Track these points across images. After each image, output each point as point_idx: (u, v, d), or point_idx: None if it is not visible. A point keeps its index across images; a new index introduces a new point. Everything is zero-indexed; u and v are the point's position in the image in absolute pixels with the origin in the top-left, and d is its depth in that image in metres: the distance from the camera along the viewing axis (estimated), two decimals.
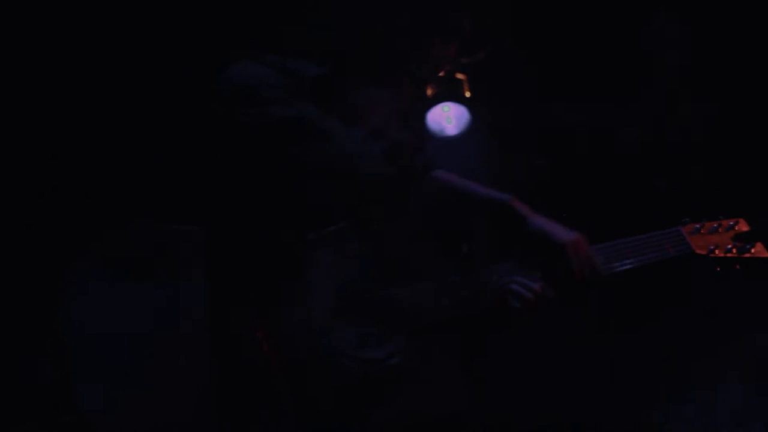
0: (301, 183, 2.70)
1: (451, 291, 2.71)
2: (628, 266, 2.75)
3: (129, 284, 2.87)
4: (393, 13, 2.84)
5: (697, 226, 2.81)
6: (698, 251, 2.77)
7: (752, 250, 2.75)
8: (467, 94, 4.15)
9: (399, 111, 2.85)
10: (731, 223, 2.82)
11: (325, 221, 2.67)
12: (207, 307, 2.68)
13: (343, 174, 2.68)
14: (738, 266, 2.75)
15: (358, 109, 2.81)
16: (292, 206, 2.68)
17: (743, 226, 2.82)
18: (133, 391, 2.76)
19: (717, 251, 2.77)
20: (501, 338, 2.86)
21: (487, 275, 2.74)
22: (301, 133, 2.67)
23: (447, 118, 4.33)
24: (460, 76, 4.18)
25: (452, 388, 2.78)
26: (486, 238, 2.87)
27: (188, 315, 2.79)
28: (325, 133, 2.69)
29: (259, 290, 2.62)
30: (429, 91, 4.12)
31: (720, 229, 2.81)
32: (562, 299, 2.81)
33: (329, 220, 2.67)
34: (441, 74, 4.03)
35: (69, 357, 2.79)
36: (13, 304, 3.55)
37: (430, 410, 2.72)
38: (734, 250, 2.77)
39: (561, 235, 2.78)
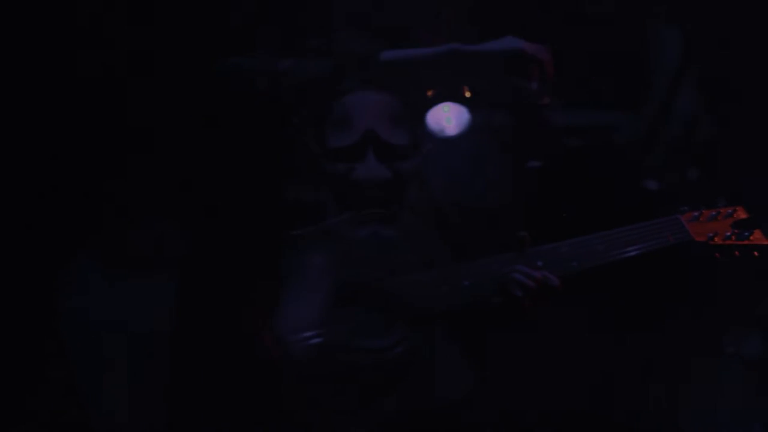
0: (299, 178, 2.72)
1: (452, 280, 2.72)
2: (629, 254, 2.77)
3: (129, 284, 2.88)
4: (386, 12, 2.86)
5: (696, 214, 2.84)
6: (697, 238, 2.80)
7: (751, 237, 2.78)
8: (467, 94, 4.15)
9: (393, 112, 2.87)
10: (730, 210, 2.85)
11: (321, 217, 2.68)
12: (205, 306, 2.69)
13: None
14: (737, 253, 2.78)
15: (352, 111, 2.83)
16: (289, 203, 2.70)
17: (741, 214, 2.84)
18: (133, 390, 2.76)
19: (716, 238, 2.80)
20: (502, 332, 2.87)
21: (488, 264, 2.75)
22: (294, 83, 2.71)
23: (447, 118, 4.33)
24: None
25: (454, 380, 2.78)
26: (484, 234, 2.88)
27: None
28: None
29: (257, 288, 2.63)
30: (429, 92, 4.12)
31: (719, 217, 2.84)
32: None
33: (325, 215, 2.69)
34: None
35: (69, 357, 2.80)
36: (13, 303, 3.54)
37: (431, 403, 2.73)
38: (733, 237, 2.80)
39: (508, 43, 2.95)
